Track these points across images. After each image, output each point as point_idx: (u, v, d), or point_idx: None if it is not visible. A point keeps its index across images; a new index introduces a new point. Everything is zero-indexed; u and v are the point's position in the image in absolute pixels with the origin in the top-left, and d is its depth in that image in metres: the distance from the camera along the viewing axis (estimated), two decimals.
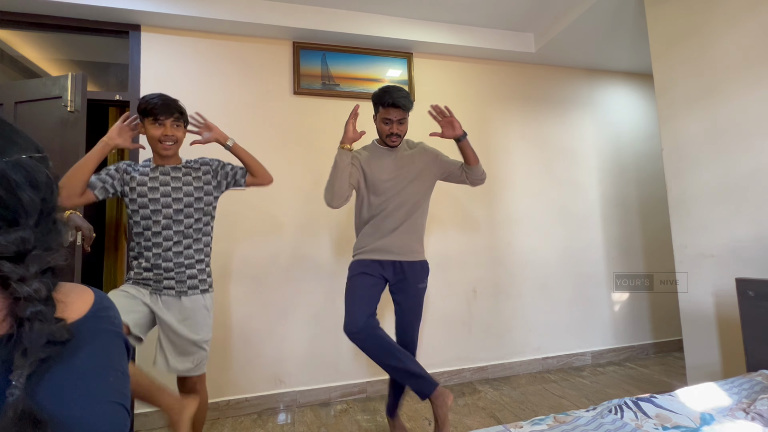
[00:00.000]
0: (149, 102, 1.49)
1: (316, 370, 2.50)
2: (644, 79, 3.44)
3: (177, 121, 1.54)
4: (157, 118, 1.49)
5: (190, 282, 1.56)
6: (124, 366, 0.53)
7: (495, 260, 2.91)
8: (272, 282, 2.48)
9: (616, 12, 2.56)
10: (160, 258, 1.52)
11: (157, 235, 1.52)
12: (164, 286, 1.53)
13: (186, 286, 1.55)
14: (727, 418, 1.12)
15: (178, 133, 1.55)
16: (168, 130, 1.51)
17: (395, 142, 1.77)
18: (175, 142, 1.56)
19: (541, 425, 1.10)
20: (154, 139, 1.52)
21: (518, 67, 3.14)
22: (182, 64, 2.46)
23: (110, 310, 0.55)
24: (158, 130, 1.51)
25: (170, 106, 1.51)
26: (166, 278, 1.53)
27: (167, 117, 1.50)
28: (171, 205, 1.53)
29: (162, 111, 1.49)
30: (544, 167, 3.11)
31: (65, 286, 0.53)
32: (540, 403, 2.32)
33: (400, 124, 1.74)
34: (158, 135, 1.51)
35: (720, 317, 1.93)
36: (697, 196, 2.04)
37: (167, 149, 1.54)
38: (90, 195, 1.47)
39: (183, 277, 1.54)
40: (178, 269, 1.54)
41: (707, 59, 1.98)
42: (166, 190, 1.53)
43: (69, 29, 2.39)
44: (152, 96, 1.51)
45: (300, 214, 2.57)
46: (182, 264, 1.54)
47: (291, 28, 2.53)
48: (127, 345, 0.56)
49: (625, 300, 3.20)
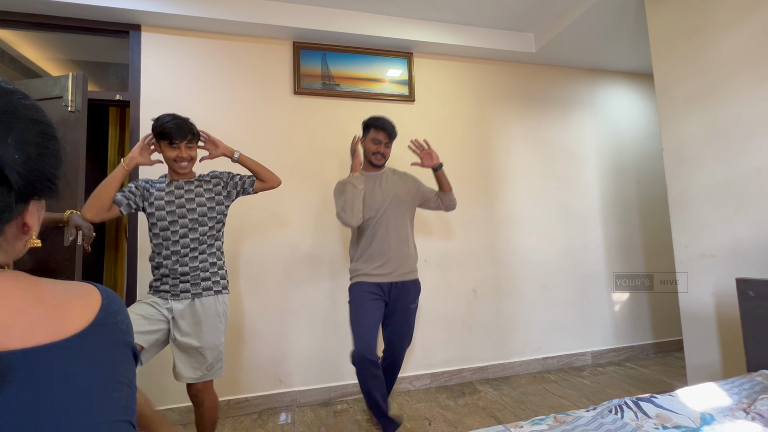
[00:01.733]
0: (164, 126, 1.60)
1: (317, 370, 2.50)
2: (644, 79, 3.44)
3: (190, 142, 1.66)
4: (173, 141, 1.61)
5: (204, 284, 1.66)
6: (131, 377, 0.49)
7: (495, 260, 2.91)
8: (273, 282, 2.48)
9: (616, 12, 2.56)
10: (177, 263, 1.63)
11: (175, 243, 1.63)
12: (181, 290, 1.63)
13: (200, 288, 1.65)
14: (728, 418, 1.12)
15: (192, 152, 1.68)
16: (183, 152, 1.64)
17: (380, 160, 1.98)
18: (190, 161, 1.68)
19: (542, 425, 1.10)
20: (170, 160, 1.65)
21: (518, 67, 3.14)
22: (182, 64, 2.46)
23: (118, 314, 0.50)
24: (174, 152, 1.63)
25: (183, 130, 1.62)
26: (182, 282, 1.63)
27: (181, 140, 1.62)
28: (186, 215, 1.65)
29: (176, 135, 1.60)
30: (544, 167, 3.11)
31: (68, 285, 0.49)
32: (540, 403, 2.32)
33: (386, 147, 1.97)
34: (174, 156, 1.63)
35: (720, 317, 1.93)
36: (698, 196, 2.03)
37: (183, 169, 1.67)
38: (116, 210, 1.60)
39: (198, 280, 1.65)
40: (193, 273, 1.64)
41: (707, 59, 1.98)
42: (180, 203, 1.66)
43: (69, 29, 2.39)
44: (166, 119, 1.61)
45: (300, 214, 2.57)
46: (197, 268, 1.65)
47: (291, 28, 2.53)
48: (134, 352, 0.51)
49: (625, 300, 3.20)
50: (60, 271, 1.83)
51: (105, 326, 0.47)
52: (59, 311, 0.45)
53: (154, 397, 2.23)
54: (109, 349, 0.47)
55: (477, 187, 2.91)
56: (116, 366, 0.47)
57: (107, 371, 0.45)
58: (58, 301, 0.46)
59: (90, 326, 0.45)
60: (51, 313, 0.44)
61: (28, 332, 0.41)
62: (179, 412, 2.25)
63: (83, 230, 1.61)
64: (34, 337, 0.41)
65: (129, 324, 0.52)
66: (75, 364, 0.42)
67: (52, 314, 0.44)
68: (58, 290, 0.47)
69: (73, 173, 1.91)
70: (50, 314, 0.44)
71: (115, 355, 0.47)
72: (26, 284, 0.46)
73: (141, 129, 2.35)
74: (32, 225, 0.48)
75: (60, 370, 0.41)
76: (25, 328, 0.41)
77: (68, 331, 0.43)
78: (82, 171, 1.94)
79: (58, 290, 0.47)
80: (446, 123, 2.90)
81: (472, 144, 2.96)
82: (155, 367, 2.24)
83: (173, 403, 2.25)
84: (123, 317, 0.51)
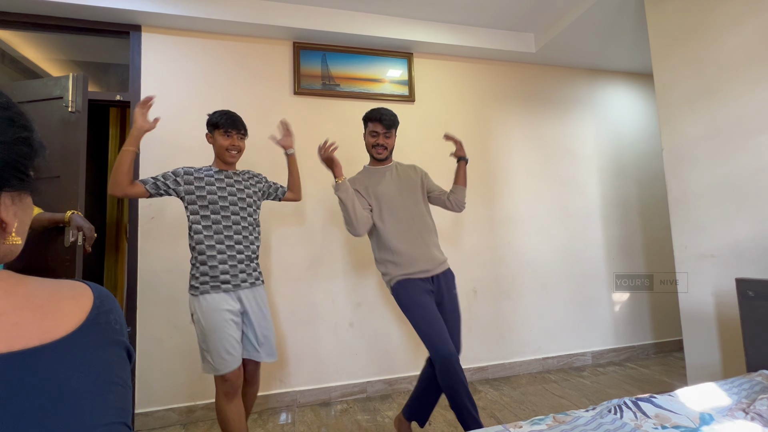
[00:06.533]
0: (220, 117, 1.72)
1: (317, 370, 2.50)
2: (644, 79, 3.44)
3: (241, 134, 1.77)
4: (228, 130, 1.72)
5: (255, 273, 1.75)
6: (126, 377, 0.47)
7: (495, 260, 2.91)
8: (273, 282, 2.48)
9: (616, 12, 2.56)
10: (234, 250, 1.67)
11: (228, 229, 1.68)
12: (241, 279, 1.68)
13: (253, 277, 1.73)
14: (727, 418, 1.12)
15: (241, 144, 1.78)
16: (235, 141, 1.74)
17: (381, 153, 1.87)
18: (239, 152, 1.77)
19: (541, 425, 1.10)
20: (222, 148, 1.72)
21: (518, 67, 3.14)
22: (183, 65, 2.47)
23: (111, 313, 0.48)
24: (227, 140, 1.73)
25: (237, 122, 1.75)
26: (240, 271, 1.68)
27: (236, 131, 1.74)
28: (237, 203, 1.72)
29: (231, 125, 1.72)
30: (544, 167, 3.11)
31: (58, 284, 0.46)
32: (540, 403, 2.32)
33: (386, 137, 1.86)
34: (227, 144, 1.72)
35: (720, 317, 1.93)
36: (698, 196, 2.03)
37: (233, 157, 1.76)
38: (140, 188, 1.62)
39: (250, 270, 1.72)
40: (248, 262, 1.71)
41: (707, 59, 1.98)
42: (232, 191, 1.73)
43: (70, 30, 2.39)
44: (222, 112, 1.74)
45: (300, 215, 2.57)
46: (250, 258, 1.73)
47: (291, 28, 2.53)
48: (128, 352, 0.49)
49: (625, 300, 3.20)
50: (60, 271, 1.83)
51: (97, 326, 0.45)
52: (48, 312, 0.43)
53: (154, 397, 2.24)
54: (101, 349, 0.45)
55: (477, 187, 2.91)
56: (109, 367, 0.45)
57: (100, 373, 0.43)
58: (47, 301, 0.44)
59: (81, 327, 0.44)
60: (39, 314, 0.42)
61: (13, 335, 0.39)
62: (179, 412, 2.25)
63: (84, 231, 1.62)
64: (20, 340, 0.39)
65: (123, 323, 0.50)
66: (65, 367, 0.41)
67: (39, 315, 0.42)
68: (47, 290, 0.45)
69: (73, 173, 1.91)
70: (38, 315, 0.42)
71: (109, 356, 0.45)
72: (11, 284, 0.43)
73: None
74: (8, 221, 0.45)
75: (49, 373, 0.39)
76: (10, 330, 0.39)
77: (57, 332, 0.42)
78: (82, 171, 1.94)
79: (46, 290, 0.45)
80: (446, 123, 2.90)
81: (473, 144, 2.95)
82: (155, 368, 2.24)
83: (173, 404, 2.25)
84: (116, 316, 0.48)
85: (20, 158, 0.45)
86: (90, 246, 1.64)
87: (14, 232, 0.46)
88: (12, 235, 0.46)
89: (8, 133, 0.43)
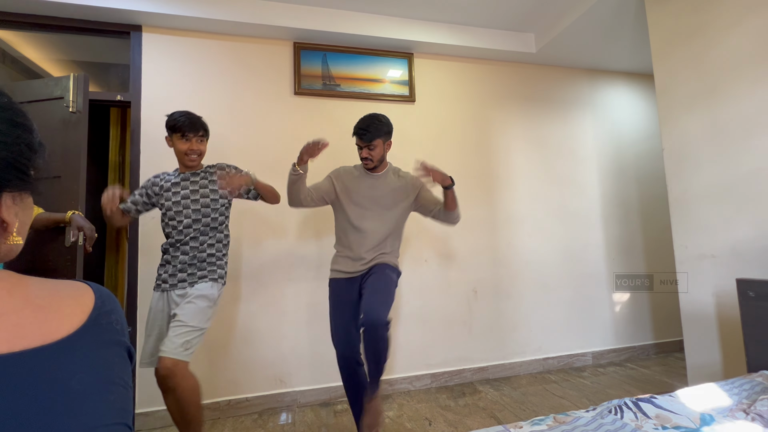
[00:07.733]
0: (178, 120, 1.69)
1: (317, 370, 2.50)
2: (645, 79, 3.44)
3: (201, 137, 1.75)
4: (185, 134, 1.70)
5: (200, 273, 1.72)
6: (127, 378, 0.46)
7: (495, 260, 2.91)
8: (273, 282, 2.48)
9: (616, 12, 2.56)
10: (178, 251, 1.70)
11: (179, 232, 1.71)
12: (179, 279, 1.69)
13: (197, 277, 1.70)
14: (727, 418, 1.12)
15: (201, 147, 1.77)
16: (193, 145, 1.73)
17: (368, 165, 1.87)
18: (199, 155, 1.77)
19: (541, 425, 1.10)
20: (181, 152, 1.73)
21: (519, 67, 3.14)
22: (183, 65, 2.47)
23: (112, 313, 0.48)
24: (185, 144, 1.72)
25: (196, 124, 1.72)
26: (180, 270, 1.69)
27: (194, 134, 1.72)
28: (189, 206, 1.72)
29: (189, 129, 1.70)
30: (544, 167, 3.11)
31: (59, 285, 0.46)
32: (540, 404, 2.32)
33: (369, 150, 1.84)
34: (185, 149, 1.72)
35: (720, 318, 1.93)
36: (698, 196, 2.03)
37: (192, 161, 1.75)
38: (128, 218, 1.80)
39: (194, 270, 1.71)
40: (191, 261, 1.70)
41: (708, 59, 1.98)
42: (185, 194, 1.73)
43: (70, 30, 2.40)
44: (179, 114, 1.71)
45: (300, 215, 2.57)
46: (195, 257, 1.71)
47: (291, 28, 2.53)
48: (130, 352, 0.49)
49: (625, 300, 3.20)
50: (61, 271, 1.83)
51: (98, 326, 0.45)
52: (48, 312, 0.42)
53: (154, 397, 2.23)
54: (102, 350, 0.45)
55: (477, 187, 2.91)
56: (110, 367, 0.45)
57: (101, 373, 0.43)
58: (48, 301, 0.43)
59: (82, 327, 0.43)
60: (39, 315, 0.42)
61: (14, 335, 0.39)
62: None
63: (85, 231, 1.63)
64: (21, 341, 0.39)
65: (124, 323, 0.50)
66: (66, 368, 0.40)
67: (40, 316, 0.42)
68: (48, 290, 0.45)
69: (74, 174, 1.91)
70: (38, 316, 0.42)
71: (110, 356, 0.45)
72: (12, 284, 0.43)
73: (142, 129, 2.35)
74: (9, 221, 0.45)
75: (49, 374, 0.39)
76: (10, 331, 0.39)
77: (58, 333, 0.41)
78: (83, 171, 1.94)
79: (47, 290, 0.45)
80: (446, 123, 2.90)
81: (473, 144, 2.96)
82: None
83: None
84: (117, 316, 0.48)
85: (21, 158, 0.45)
86: (91, 246, 1.65)
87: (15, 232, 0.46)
88: (13, 235, 0.46)
89: (9, 134, 0.43)
